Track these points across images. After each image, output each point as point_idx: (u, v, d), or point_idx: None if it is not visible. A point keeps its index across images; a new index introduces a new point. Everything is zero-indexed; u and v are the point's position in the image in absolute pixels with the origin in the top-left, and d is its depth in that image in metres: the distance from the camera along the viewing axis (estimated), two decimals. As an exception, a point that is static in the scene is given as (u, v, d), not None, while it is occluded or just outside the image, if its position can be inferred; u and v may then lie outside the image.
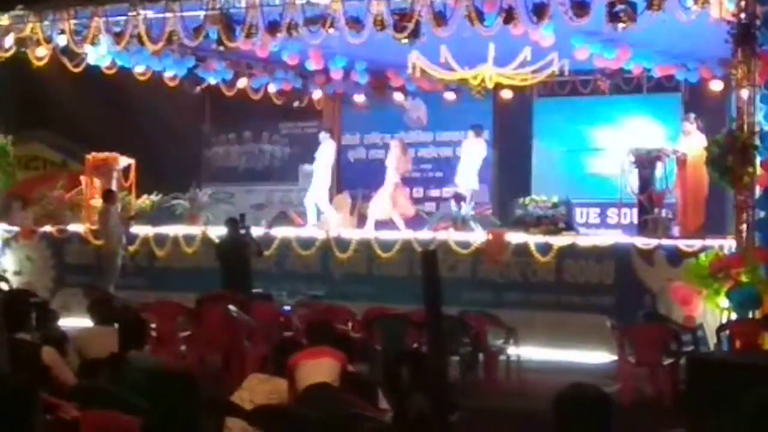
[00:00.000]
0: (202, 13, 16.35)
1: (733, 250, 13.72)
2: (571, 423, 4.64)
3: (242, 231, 16.16)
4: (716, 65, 17.99)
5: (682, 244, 14.85)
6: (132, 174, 20.12)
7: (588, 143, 20.49)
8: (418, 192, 21.35)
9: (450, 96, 20.46)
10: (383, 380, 7.66)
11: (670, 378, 11.80)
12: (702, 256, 14.08)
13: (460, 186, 18.90)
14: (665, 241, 15.12)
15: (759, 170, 13.60)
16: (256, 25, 15.88)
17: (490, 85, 17.54)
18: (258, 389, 7.85)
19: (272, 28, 15.83)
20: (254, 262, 16.10)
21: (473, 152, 19.03)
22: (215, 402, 6.81)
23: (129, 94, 20.12)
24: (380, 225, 18.42)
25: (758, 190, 13.62)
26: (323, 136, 20.00)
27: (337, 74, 20.00)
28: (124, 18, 17.04)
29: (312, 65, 18.76)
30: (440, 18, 14.73)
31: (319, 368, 8.00)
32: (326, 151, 19.73)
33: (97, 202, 19.31)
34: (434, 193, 20.79)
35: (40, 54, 18.03)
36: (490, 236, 16.32)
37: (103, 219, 18.21)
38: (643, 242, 15.19)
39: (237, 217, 16.58)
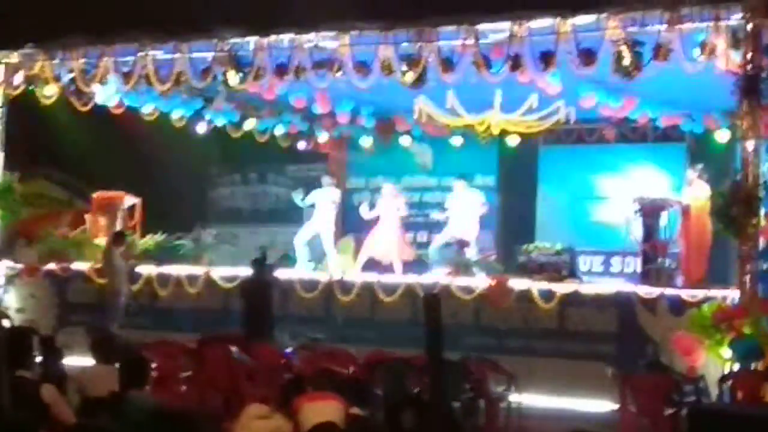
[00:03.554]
0: (210, 55, 16.44)
1: (737, 300, 13.66)
2: (572, 471, 4.64)
3: (266, 269, 15.95)
4: (721, 116, 18.05)
5: (686, 293, 14.81)
6: (137, 213, 20.13)
7: (593, 191, 20.51)
8: (422, 236, 21.31)
9: (456, 141, 20.50)
10: (385, 424, 7.64)
11: (672, 428, 11.73)
12: (705, 306, 14.02)
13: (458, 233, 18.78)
14: (668, 291, 15.08)
15: (763, 221, 13.59)
16: (264, 67, 15.97)
17: (495, 132, 17.56)
18: (258, 428, 7.78)
19: (280, 70, 15.92)
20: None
21: (466, 203, 18.86)
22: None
23: (136, 133, 20.17)
24: (379, 268, 18.37)
25: (762, 241, 13.61)
26: (327, 180, 19.88)
27: (343, 118, 20.03)
28: (133, 58, 17.13)
29: (319, 108, 18.80)
30: (447, 64, 14.82)
31: (324, 409, 7.98)
32: (332, 195, 19.65)
33: (102, 240, 19.30)
34: (438, 238, 20.70)
35: (49, 92, 18.12)
36: (493, 282, 16.30)
37: (107, 257, 18.21)
38: (646, 291, 15.15)
39: (260, 256, 16.35)
